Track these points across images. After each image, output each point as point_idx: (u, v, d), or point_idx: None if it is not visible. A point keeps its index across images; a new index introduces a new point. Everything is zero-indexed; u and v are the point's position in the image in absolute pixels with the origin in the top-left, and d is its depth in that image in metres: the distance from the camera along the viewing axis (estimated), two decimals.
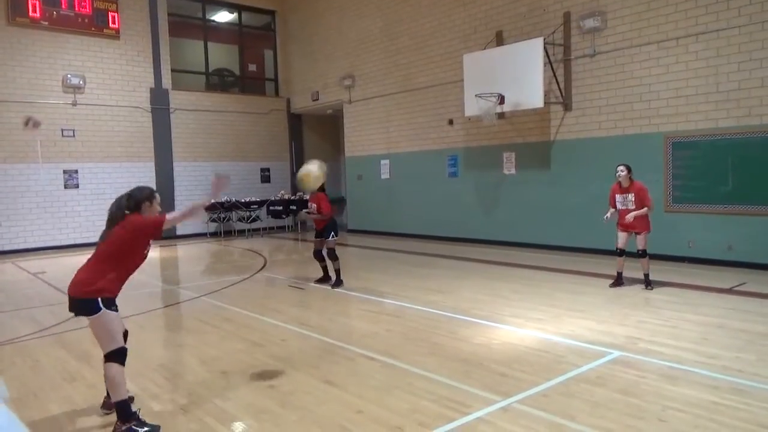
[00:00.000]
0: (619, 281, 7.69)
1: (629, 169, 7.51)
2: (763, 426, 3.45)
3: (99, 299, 3.60)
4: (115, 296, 3.75)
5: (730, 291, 7.23)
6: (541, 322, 6.01)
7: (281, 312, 6.88)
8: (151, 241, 4.02)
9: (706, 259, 9.00)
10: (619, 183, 7.56)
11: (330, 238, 8.22)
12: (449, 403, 3.92)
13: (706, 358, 4.70)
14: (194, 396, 4.22)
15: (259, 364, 4.92)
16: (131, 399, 3.80)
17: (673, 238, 9.40)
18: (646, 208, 7.36)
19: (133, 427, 3.55)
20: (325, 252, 8.37)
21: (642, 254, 7.47)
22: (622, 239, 7.63)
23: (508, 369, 4.59)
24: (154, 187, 16.82)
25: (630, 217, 7.34)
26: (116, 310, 3.70)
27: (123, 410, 3.58)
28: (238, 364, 4.94)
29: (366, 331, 5.92)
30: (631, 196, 7.42)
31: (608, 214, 7.70)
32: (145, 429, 3.58)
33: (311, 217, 8.40)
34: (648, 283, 7.47)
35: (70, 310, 3.70)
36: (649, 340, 5.21)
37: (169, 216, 3.87)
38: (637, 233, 7.49)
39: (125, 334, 3.92)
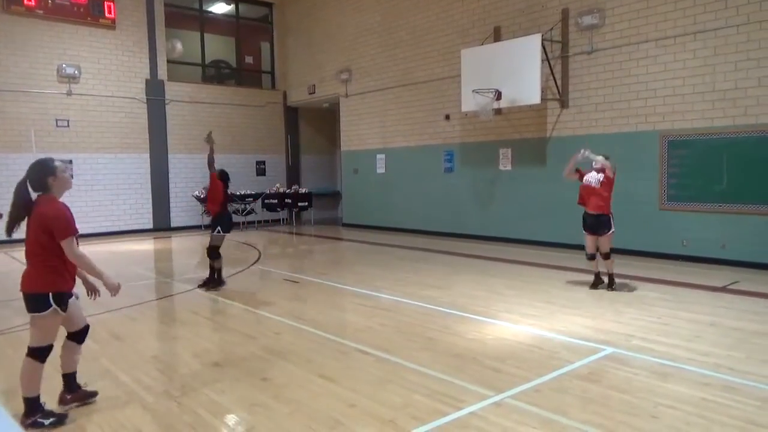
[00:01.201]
0: (598, 281, 7.40)
1: (606, 158, 7.51)
2: (753, 423, 3.47)
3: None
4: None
5: (723, 289, 7.27)
6: (535, 318, 6.03)
7: (275, 305, 6.87)
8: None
9: (699, 258, 9.04)
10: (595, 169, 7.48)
11: (215, 233, 8.05)
12: (442, 397, 3.93)
13: (698, 355, 4.73)
14: (187, 388, 4.22)
15: (252, 357, 4.92)
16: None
17: (667, 237, 9.44)
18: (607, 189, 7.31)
19: (38, 419, 3.53)
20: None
21: (605, 256, 7.23)
22: (590, 245, 7.36)
23: (501, 364, 4.60)
24: (150, 179, 16.80)
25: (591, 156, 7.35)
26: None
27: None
28: (231, 357, 4.93)
29: (360, 326, 5.92)
30: (601, 176, 7.32)
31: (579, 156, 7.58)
32: (51, 420, 3.55)
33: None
34: (611, 283, 7.26)
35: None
36: (642, 337, 5.24)
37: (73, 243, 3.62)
38: (599, 235, 7.21)
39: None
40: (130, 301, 7.21)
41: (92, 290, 3.97)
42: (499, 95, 10.69)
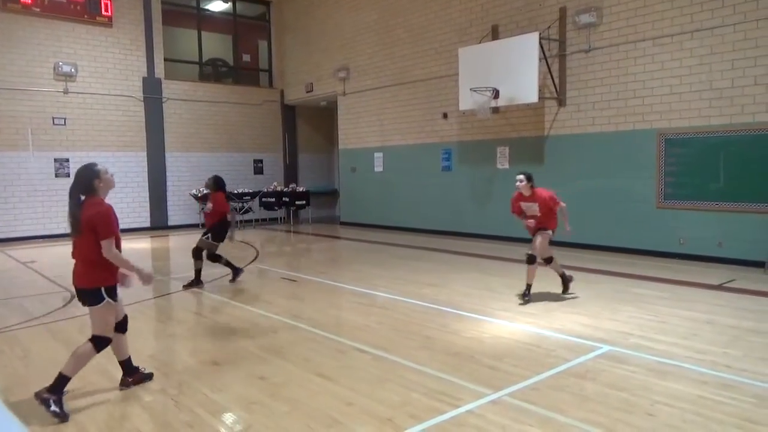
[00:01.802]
0: (528, 294, 6.64)
1: (528, 178, 6.59)
2: (749, 420, 3.49)
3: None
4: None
5: (719, 287, 7.29)
6: (532, 316, 6.04)
7: (273, 304, 6.87)
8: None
9: (696, 256, 9.06)
10: (521, 192, 6.68)
11: (206, 238, 8.04)
12: (440, 396, 3.94)
13: (695, 353, 4.74)
14: (185, 387, 4.22)
15: (250, 356, 4.91)
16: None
17: (664, 235, 9.46)
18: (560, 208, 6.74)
19: (52, 400, 3.67)
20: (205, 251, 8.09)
21: (547, 260, 6.77)
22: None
23: (498, 363, 4.61)
24: (147, 177, 16.78)
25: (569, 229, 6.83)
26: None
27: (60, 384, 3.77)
28: (229, 356, 4.93)
29: (358, 324, 5.93)
30: (535, 206, 6.64)
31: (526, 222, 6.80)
32: (55, 409, 3.65)
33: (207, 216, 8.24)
34: (567, 284, 6.91)
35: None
36: (639, 335, 5.25)
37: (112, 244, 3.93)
38: (538, 231, 6.70)
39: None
40: (127, 299, 7.17)
41: (123, 280, 4.23)
42: (496, 94, 10.70)
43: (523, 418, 3.56)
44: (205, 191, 7.96)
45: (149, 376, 4.36)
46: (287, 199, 16.94)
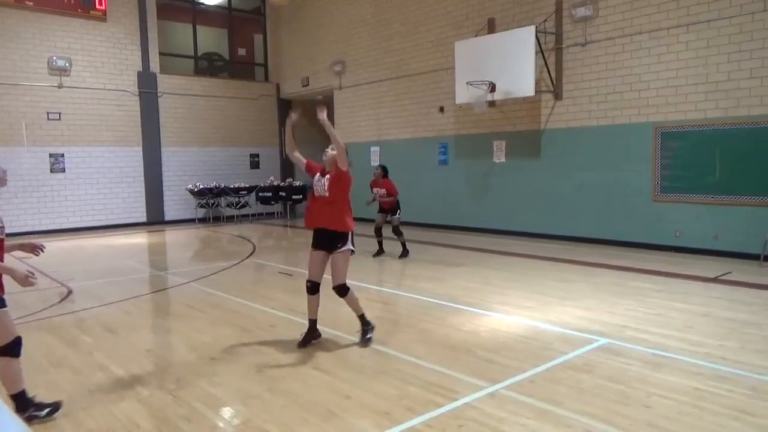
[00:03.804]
0: (311, 335, 5.11)
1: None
2: (745, 412, 3.51)
3: None
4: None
5: (715, 280, 7.33)
6: (530, 309, 6.06)
7: (270, 298, 6.87)
8: None
9: (692, 249, 9.09)
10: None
11: (397, 216, 9.52)
12: (437, 389, 3.95)
13: (691, 345, 4.77)
14: (183, 381, 4.22)
15: (247, 350, 4.92)
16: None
17: (660, 228, 9.49)
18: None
19: (33, 413, 3.55)
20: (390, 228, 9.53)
21: (341, 292, 5.24)
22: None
23: (496, 356, 4.62)
24: (143, 172, 16.74)
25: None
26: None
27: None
28: (226, 350, 4.93)
29: (355, 318, 5.92)
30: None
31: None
32: (47, 410, 3.58)
33: (380, 199, 9.55)
34: (366, 330, 5.12)
35: None
36: (636, 328, 5.27)
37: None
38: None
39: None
40: (124, 294, 7.20)
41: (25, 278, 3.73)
42: (493, 87, 10.68)
43: (521, 411, 3.58)
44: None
45: (50, 408, 3.64)
46: (284, 194, 16.91)
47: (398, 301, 6.62)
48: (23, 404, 3.57)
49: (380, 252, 9.70)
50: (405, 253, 9.56)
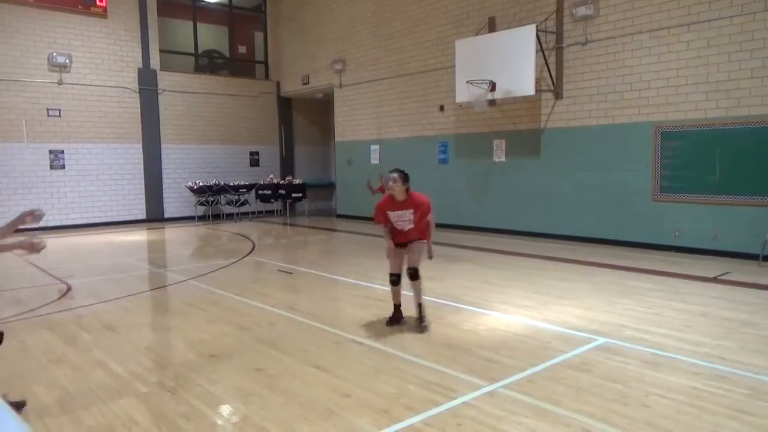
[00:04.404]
0: (397, 316, 5.52)
1: (405, 178, 5.32)
2: (743, 411, 3.51)
3: None
4: None
5: (714, 280, 7.33)
6: (529, 308, 6.06)
7: (269, 296, 6.87)
8: None
9: (691, 248, 9.10)
10: (391, 196, 5.35)
11: None
12: (436, 387, 3.96)
13: (689, 345, 4.77)
14: (181, 379, 4.22)
15: (246, 348, 4.92)
16: None
17: (659, 228, 9.50)
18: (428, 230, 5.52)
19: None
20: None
21: (413, 275, 5.32)
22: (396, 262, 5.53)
23: (494, 355, 4.62)
24: (142, 170, 16.71)
25: (431, 252, 5.50)
26: None
27: None
28: (225, 348, 4.93)
29: (354, 316, 5.93)
30: (409, 213, 5.34)
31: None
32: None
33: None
34: (422, 318, 5.36)
35: None
36: (634, 328, 5.28)
37: None
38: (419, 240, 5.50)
39: None
40: (123, 291, 7.20)
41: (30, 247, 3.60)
42: (493, 86, 10.68)
43: (519, 410, 3.58)
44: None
45: (17, 406, 3.67)
46: (283, 192, 16.91)
47: None
48: None
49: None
50: None
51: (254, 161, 17.79)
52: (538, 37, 10.22)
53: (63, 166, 14.39)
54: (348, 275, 8.05)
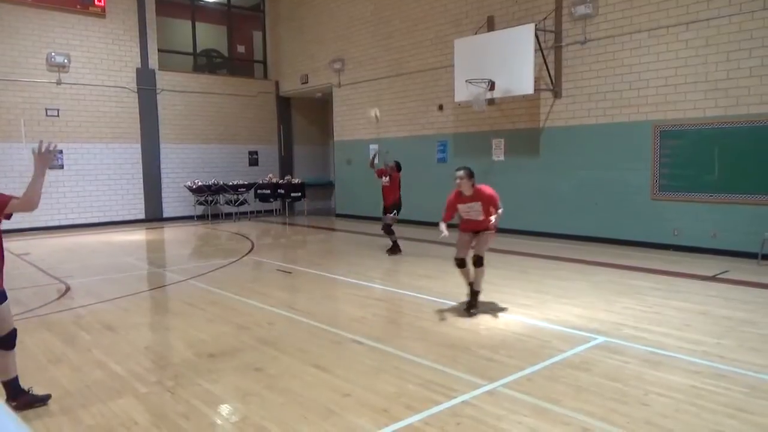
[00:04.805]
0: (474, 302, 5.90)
1: (470, 174, 5.84)
2: (742, 410, 3.52)
3: None
4: None
5: (713, 278, 7.34)
6: (528, 307, 6.06)
7: (268, 296, 6.87)
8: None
9: (690, 247, 9.10)
10: (459, 191, 5.93)
11: (392, 214, 9.63)
12: (435, 386, 3.96)
13: (688, 343, 4.78)
14: (181, 378, 4.22)
15: (246, 348, 4.92)
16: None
17: (658, 226, 9.50)
18: (495, 217, 5.82)
19: (30, 396, 3.70)
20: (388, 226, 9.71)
21: (477, 262, 5.85)
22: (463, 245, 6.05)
23: (493, 354, 4.63)
24: (141, 169, 16.69)
25: (494, 220, 5.78)
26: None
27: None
28: (224, 347, 4.93)
29: (354, 316, 5.93)
30: (477, 205, 5.84)
31: (444, 231, 5.94)
32: (43, 395, 3.74)
33: (383, 184, 9.78)
34: (474, 304, 5.83)
35: None
36: (633, 326, 5.28)
37: (15, 198, 3.64)
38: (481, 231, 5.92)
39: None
40: (122, 291, 7.19)
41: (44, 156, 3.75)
42: (492, 85, 10.67)
43: (518, 409, 3.58)
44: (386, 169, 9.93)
45: (43, 399, 3.78)
46: (282, 191, 16.89)
47: (396, 299, 6.63)
48: (15, 390, 3.66)
49: (394, 249, 9.78)
50: (396, 250, 9.70)
51: (253, 161, 17.79)
52: (537, 36, 10.22)
53: (62, 166, 14.38)
54: (347, 275, 8.05)
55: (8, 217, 3.68)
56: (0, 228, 3.66)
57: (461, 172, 5.86)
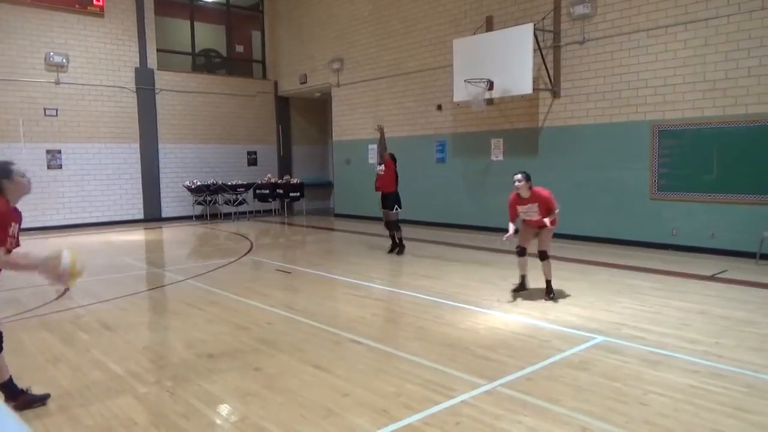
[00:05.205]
0: (523, 285, 6.64)
1: (528, 178, 6.27)
2: (740, 409, 3.52)
3: None
4: None
5: (712, 278, 7.35)
6: (527, 307, 6.07)
7: (268, 296, 6.87)
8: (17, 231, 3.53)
9: (689, 247, 9.12)
10: (518, 194, 6.34)
11: (395, 211, 9.46)
12: (434, 386, 3.96)
13: (687, 343, 4.78)
14: (180, 378, 4.22)
15: (245, 348, 4.92)
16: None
17: (657, 226, 9.51)
18: (549, 217, 6.20)
19: (29, 396, 3.69)
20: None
21: (542, 256, 6.36)
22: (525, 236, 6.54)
23: (493, 353, 4.63)
24: (140, 169, 16.63)
25: (548, 221, 6.18)
26: None
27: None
28: (224, 347, 4.93)
29: (353, 316, 5.94)
30: (535, 207, 6.27)
31: (510, 233, 6.36)
32: (41, 394, 3.74)
33: (378, 175, 9.54)
34: (550, 291, 6.37)
35: None
36: (632, 326, 5.29)
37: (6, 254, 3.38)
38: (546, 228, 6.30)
39: None
40: (121, 291, 7.18)
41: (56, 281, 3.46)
42: (491, 85, 10.68)
43: (518, 408, 3.58)
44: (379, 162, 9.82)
45: (42, 399, 3.78)
46: (281, 191, 16.89)
47: (396, 299, 6.63)
48: (12, 392, 3.66)
49: (394, 248, 9.73)
50: (396, 249, 9.65)
51: (252, 160, 17.78)
52: (535, 35, 10.22)
53: (60, 166, 14.36)
54: (346, 274, 8.05)
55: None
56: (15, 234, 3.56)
57: (519, 176, 6.27)
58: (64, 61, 14.13)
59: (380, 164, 9.63)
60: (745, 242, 8.52)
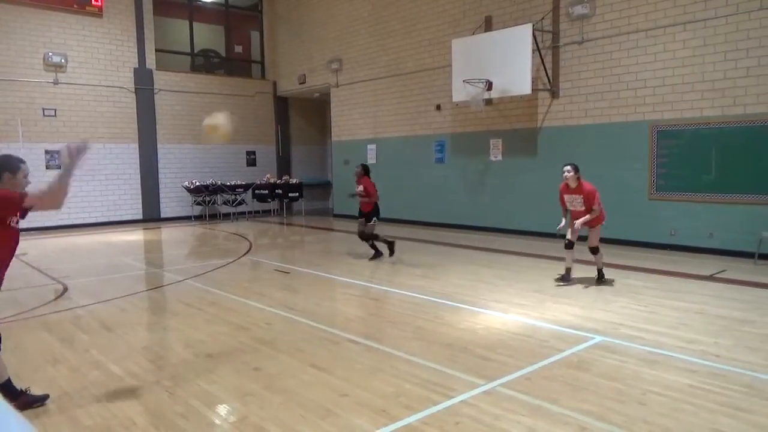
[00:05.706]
0: (567, 276, 7.18)
1: (576, 169, 6.84)
2: (738, 408, 3.53)
3: None
4: None
5: (710, 278, 7.36)
6: (525, 307, 6.07)
7: (266, 296, 6.87)
8: (17, 222, 3.53)
9: (687, 247, 9.13)
10: (567, 184, 6.93)
11: (372, 223, 9.03)
12: (433, 386, 3.96)
13: (685, 343, 4.79)
14: (179, 378, 4.22)
15: (244, 348, 4.92)
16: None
17: (655, 226, 9.53)
18: (589, 215, 6.81)
19: (29, 397, 3.69)
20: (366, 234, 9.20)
21: (593, 251, 7.04)
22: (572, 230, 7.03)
23: (491, 353, 4.63)
24: (139, 169, 16.59)
25: (578, 224, 6.83)
26: None
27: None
28: (223, 347, 4.93)
29: (351, 315, 5.94)
30: (579, 198, 6.85)
31: (562, 224, 7.07)
32: (41, 394, 3.74)
33: (359, 197, 9.07)
34: (602, 278, 7.11)
35: None
36: (631, 326, 5.30)
37: (30, 195, 3.38)
38: (590, 227, 6.95)
39: None
40: (120, 291, 7.18)
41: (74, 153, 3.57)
42: (489, 85, 10.69)
43: (516, 408, 3.59)
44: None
45: (41, 399, 3.78)
46: (280, 191, 16.89)
47: (395, 299, 6.63)
48: (11, 392, 3.65)
49: (377, 255, 9.18)
50: (379, 255, 9.16)
51: (251, 161, 17.77)
52: (534, 36, 10.23)
53: (59, 167, 14.33)
54: (345, 275, 8.05)
55: (24, 215, 3.56)
56: (16, 227, 3.55)
57: (568, 167, 6.81)
58: (62, 61, 14.11)
59: (357, 184, 9.08)
60: (743, 242, 8.54)
